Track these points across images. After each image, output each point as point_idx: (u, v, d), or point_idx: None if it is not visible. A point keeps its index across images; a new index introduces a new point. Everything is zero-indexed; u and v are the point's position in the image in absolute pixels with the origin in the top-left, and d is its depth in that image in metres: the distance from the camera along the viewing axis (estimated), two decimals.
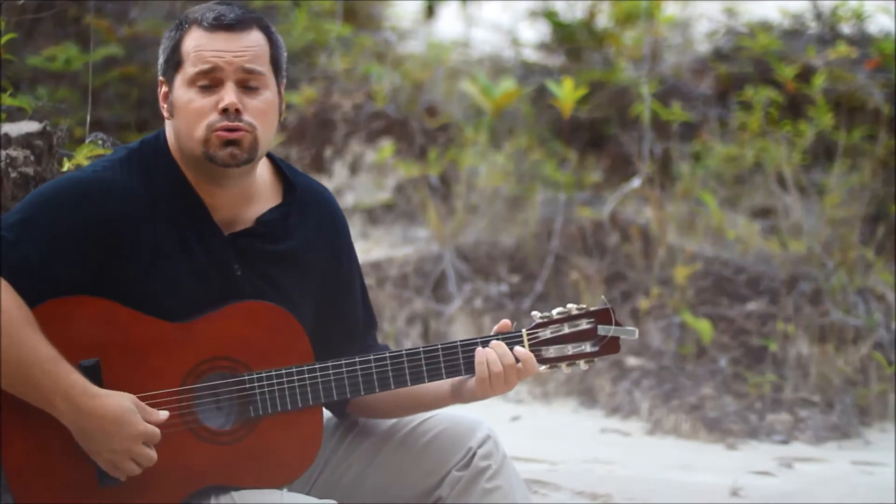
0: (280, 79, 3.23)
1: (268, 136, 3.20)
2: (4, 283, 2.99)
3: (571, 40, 9.30)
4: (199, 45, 3.15)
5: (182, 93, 3.17)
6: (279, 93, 3.23)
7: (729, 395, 6.66)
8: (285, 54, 3.27)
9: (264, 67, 3.18)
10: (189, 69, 3.15)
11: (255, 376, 3.16)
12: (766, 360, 6.91)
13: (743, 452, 6.19)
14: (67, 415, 3.02)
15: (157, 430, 3.05)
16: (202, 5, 3.22)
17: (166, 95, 3.21)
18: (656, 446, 6.28)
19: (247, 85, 3.16)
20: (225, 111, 3.13)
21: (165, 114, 3.22)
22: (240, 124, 3.14)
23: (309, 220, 3.32)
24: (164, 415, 3.07)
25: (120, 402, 3.04)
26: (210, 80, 3.15)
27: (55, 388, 3.00)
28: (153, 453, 3.06)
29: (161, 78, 3.23)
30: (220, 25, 3.16)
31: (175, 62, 3.18)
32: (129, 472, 3.06)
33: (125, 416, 3.03)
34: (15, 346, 2.98)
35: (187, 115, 3.16)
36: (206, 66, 3.14)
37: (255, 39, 3.18)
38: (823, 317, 6.96)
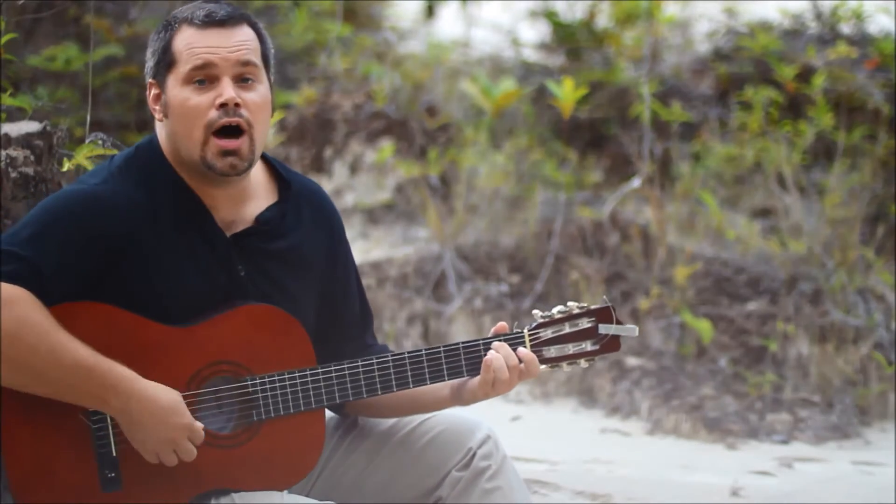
0: (270, 75, 3.25)
1: (264, 136, 3.21)
2: (27, 293, 2.99)
3: (571, 40, 9.30)
4: (191, 42, 3.16)
5: (177, 92, 3.17)
6: (270, 88, 3.24)
7: (729, 395, 6.66)
8: (273, 51, 3.28)
9: (258, 60, 3.20)
10: (183, 67, 3.16)
11: (257, 380, 3.16)
12: (766, 360, 6.91)
13: (743, 452, 6.19)
14: (120, 406, 3.03)
15: (201, 427, 3.09)
16: (189, 5, 3.24)
17: (158, 97, 3.21)
18: (656, 446, 6.27)
19: (242, 78, 3.17)
20: (223, 105, 3.13)
21: (157, 115, 3.22)
22: (239, 119, 3.14)
23: (305, 216, 3.32)
24: (199, 425, 3.11)
25: (168, 392, 3.08)
26: (206, 76, 3.16)
27: (105, 384, 3.02)
28: (194, 449, 3.09)
29: (151, 80, 3.22)
30: (212, 22, 3.17)
31: (167, 62, 3.18)
32: (169, 463, 3.08)
33: (176, 405, 3.07)
34: (55, 353, 2.99)
35: (184, 114, 3.16)
36: (200, 62, 3.15)
37: (246, 34, 3.20)
38: (823, 317, 6.96)
